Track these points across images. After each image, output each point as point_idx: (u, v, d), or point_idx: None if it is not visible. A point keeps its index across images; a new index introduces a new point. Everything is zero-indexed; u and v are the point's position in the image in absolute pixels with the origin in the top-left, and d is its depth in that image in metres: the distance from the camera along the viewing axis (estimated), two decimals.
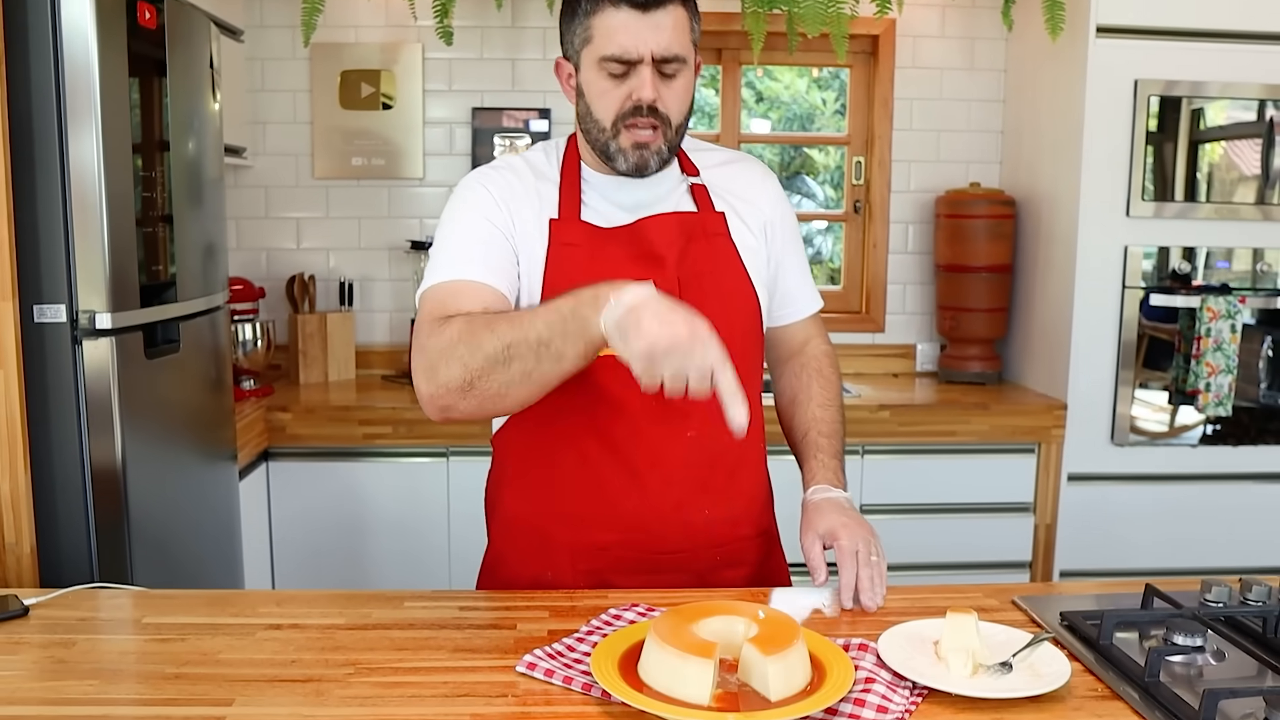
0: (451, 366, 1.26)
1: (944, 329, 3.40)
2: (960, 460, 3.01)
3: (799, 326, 1.66)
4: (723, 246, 1.51)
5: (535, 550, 1.50)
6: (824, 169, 4.62)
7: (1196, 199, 2.99)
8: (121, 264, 1.81)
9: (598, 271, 1.38)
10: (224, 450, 2.37)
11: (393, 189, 3.42)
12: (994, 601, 1.42)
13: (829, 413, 1.60)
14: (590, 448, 1.44)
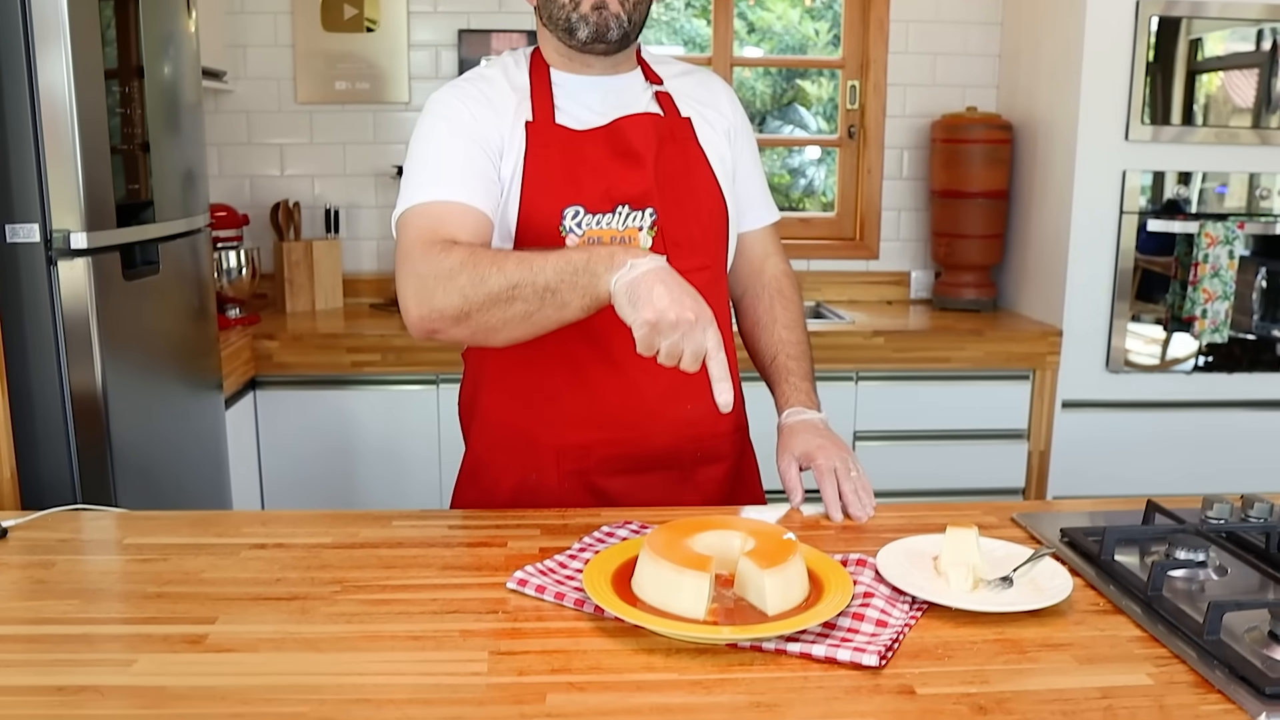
0: (450, 294, 1.25)
1: (939, 256, 3.36)
2: (954, 387, 2.99)
3: (756, 238, 1.65)
4: (692, 150, 1.52)
5: (519, 454, 1.49)
6: (816, 101, 4.55)
7: (1195, 123, 2.94)
8: (96, 184, 1.75)
9: (575, 172, 1.40)
10: (208, 378, 2.33)
11: (378, 114, 3.34)
12: (993, 519, 1.40)
13: (794, 334, 1.61)
14: (576, 349, 1.43)
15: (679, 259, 1.37)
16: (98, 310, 1.77)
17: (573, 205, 1.40)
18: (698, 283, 1.38)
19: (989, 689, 0.95)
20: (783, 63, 3.82)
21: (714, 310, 1.41)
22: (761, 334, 1.62)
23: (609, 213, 1.42)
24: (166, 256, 2.02)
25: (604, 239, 1.41)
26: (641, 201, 1.43)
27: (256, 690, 0.93)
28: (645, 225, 1.43)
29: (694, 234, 1.47)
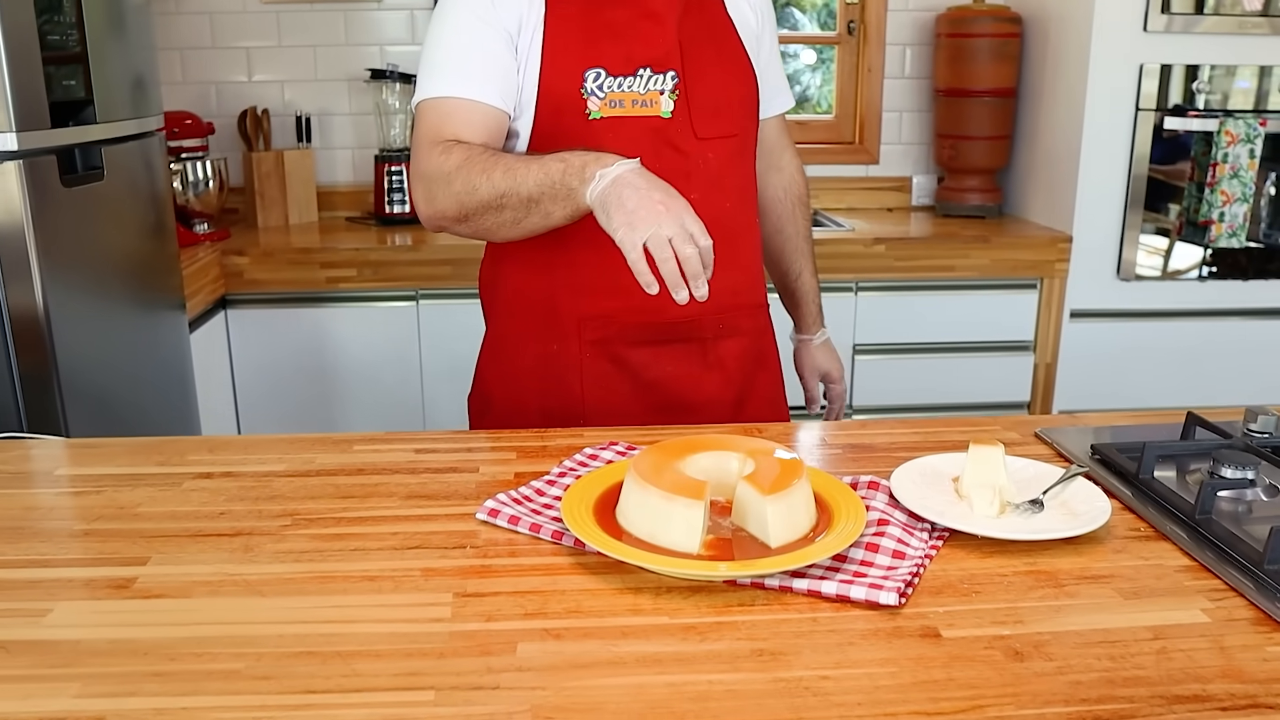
0: (448, 199, 1.31)
1: (942, 160, 3.19)
2: (958, 297, 2.85)
3: (773, 124, 1.65)
4: (719, 18, 1.48)
5: (541, 324, 1.47)
6: (811, 7, 4.34)
7: (1221, 12, 2.75)
8: (25, 82, 1.59)
9: (597, 34, 1.37)
10: (169, 298, 2.18)
11: (349, 13, 3.14)
12: (1015, 435, 1.27)
13: (811, 246, 1.70)
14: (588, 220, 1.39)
15: (703, 124, 1.41)
16: (34, 221, 1.61)
17: (594, 68, 1.37)
18: (724, 151, 1.44)
19: (1024, 630, 0.83)
20: None
21: (741, 184, 1.48)
22: (785, 244, 1.69)
23: (630, 75, 1.38)
24: (113, 162, 1.85)
25: (625, 102, 1.38)
26: (663, 64, 1.39)
27: (185, 643, 0.81)
28: (667, 89, 1.39)
29: (719, 100, 1.44)
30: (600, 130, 1.37)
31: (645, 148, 1.35)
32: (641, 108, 1.38)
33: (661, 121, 1.39)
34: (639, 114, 1.38)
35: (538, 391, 1.48)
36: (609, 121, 1.37)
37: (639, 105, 1.38)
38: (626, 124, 1.38)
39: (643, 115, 1.38)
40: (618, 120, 1.37)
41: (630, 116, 1.38)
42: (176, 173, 2.76)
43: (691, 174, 1.39)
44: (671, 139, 1.39)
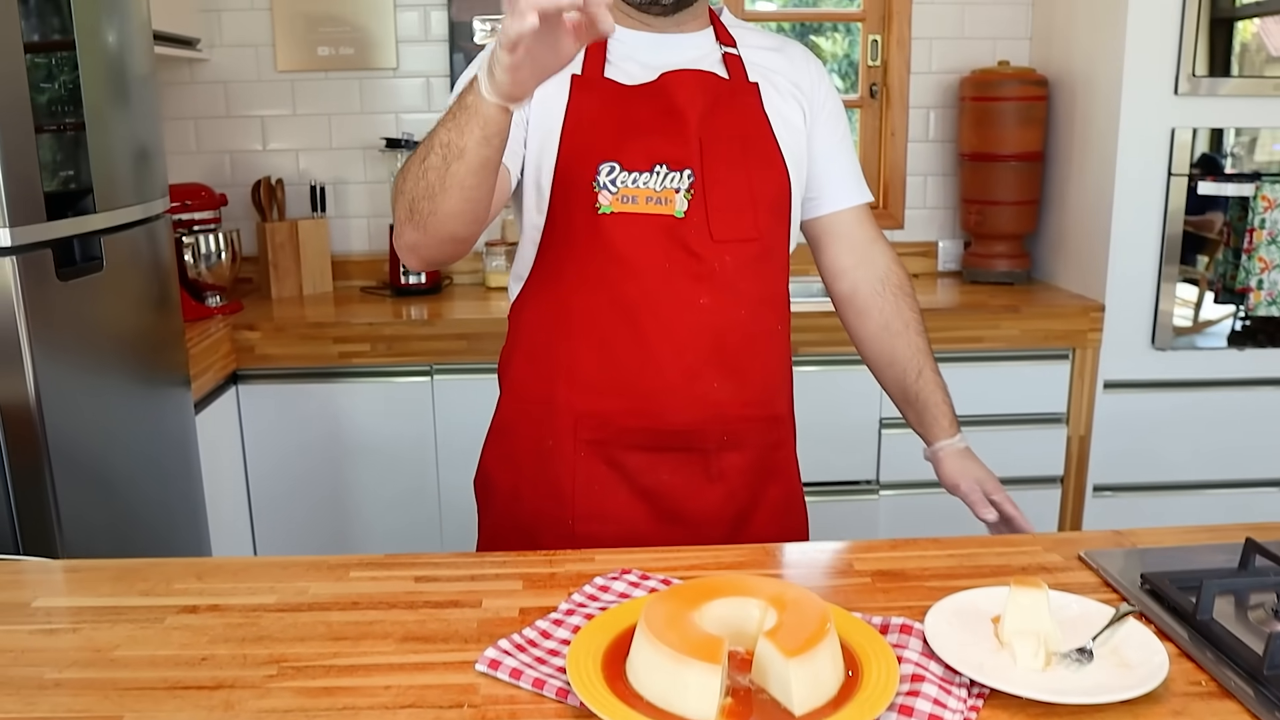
0: (398, 201, 1.25)
1: (969, 224, 3.12)
2: (988, 368, 2.76)
3: (852, 219, 1.52)
4: (752, 111, 1.42)
5: (540, 417, 1.42)
6: (832, 58, 4.29)
7: (1252, 75, 2.68)
8: (19, 171, 1.53)
9: (616, 128, 1.34)
10: (173, 375, 2.12)
11: (364, 81, 3.11)
12: (1056, 557, 1.19)
13: (927, 342, 1.53)
14: (602, 312, 1.36)
15: (719, 226, 1.35)
16: (28, 316, 1.55)
17: (608, 161, 1.33)
18: (743, 256, 1.37)
19: None
20: (798, 17, 3.57)
21: (761, 291, 1.40)
22: (897, 341, 1.51)
23: (646, 171, 1.34)
24: (114, 250, 1.80)
25: (639, 199, 1.33)
26: (680, 161, 1.34)
27: None
28: (683, 187, 1.34)
29: (739, 202, 1.37)
30: (609, 225, 1.33)
31: (656, 247, 1.33)
32: (655, 205, 1.33)
33: (674, 221, 1.34)
34: (652, 211, 1.33)
35: (532, 486, 1.42)
36: (619, 218, 1.33)
37: (652, 202, 1.33)
38: (637, 221, 1.33)
39: (655, 213, 1.33)
40: (628, 217, 1.33)
41: (642, 214, 1.33)
42: (188, 246, 2.72)
43: (704, 278, 1.35)
44: (685, 240, 1.34)
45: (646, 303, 1.34)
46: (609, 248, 1.34)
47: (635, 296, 1.34)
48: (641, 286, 1.34)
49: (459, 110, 1.14)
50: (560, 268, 1.38)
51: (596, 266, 1.35)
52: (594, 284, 1.36)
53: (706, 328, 1.36)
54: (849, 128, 1.57)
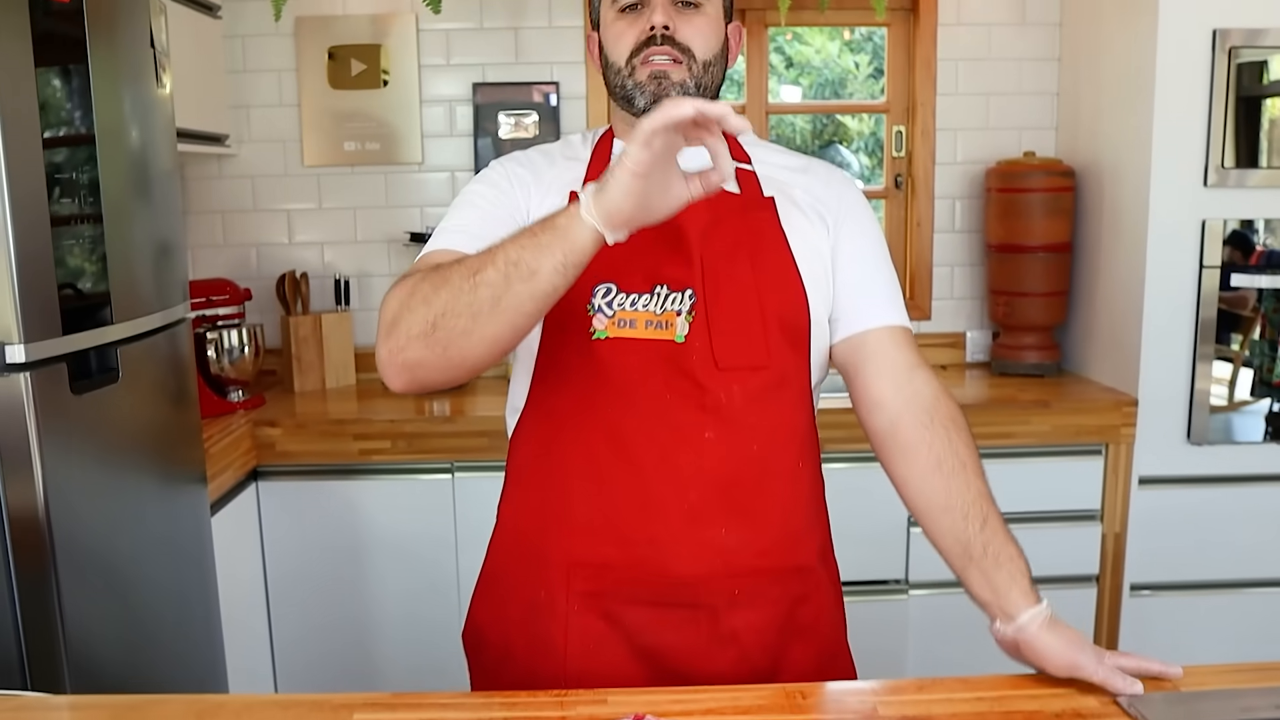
0: (415, 311, 1.11)
1: (997, 315, 3.08)
2: (1019, 465, 2.70)
3: (888, 342, 1.32)
4: (765, 226, 1.32)
5: (531, 564, 1.30)
6: (858, 135, 4.31)
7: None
8: (35, 284, 1.53)
9: (617, 247, 1.19)
10: (189, 474, 2.09)
11: (389, 175, 3.13)
12: (1093, 701, 1.13)
13: (985, 483, 1.29)
14: (598, 448, 1.25)
15: (725, 352, 1.25)
16: (40, 430, 1.54)
17: (605, 282, 1.25)
18: (753, 385, 1.25)
19: None
20: (824, 108, 3.59)
21: (775, 423, 1.27)
22: (953, 482, 1.26)
23: (646, 293, 1.25)
24: (130, 359, 1.79)
25: (637, 322, 1.24)
26: (681, 282, 1.26)
27: None
28: (684, 309, 1.25)
29: (748, 325, 1.26)
30: (604, 352, 1.24)
31: (656, 375, 1.23)
32: (655, 330, 1.24)
33: (675, 347, 1.23)
34: (651, 336, 1.23)
35: (524, 643, 1.30)
36: (615, 343, 1.23)
37: (652, 326, 1.24)
38: (636, 348, 1.23)
39: (655, 338, 1.24)
40: (626, 342, 1.23)
41: (640, 339, 1.23)
42: (211, 341, 2.73)
43: (709, 410, 1.23)
44: (687, 368, 1.23)
45: (645, 437, 1.23)
46: (605, 376, 1.24)
47: (633, 430, 1.23)
48: (640, 419, 1.23)
49: (542, 230, 1.07)
50: (554, 399, 1.28)
51: (591, 397, 1.25)
52: (589, 416, 1.25)
53: (713, 466, 1.23)
54: (885, 247, 1.40)
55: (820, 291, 1.32)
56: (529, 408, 1.32)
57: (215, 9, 2.94)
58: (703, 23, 1.33)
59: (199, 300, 2.73)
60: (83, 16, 1.63)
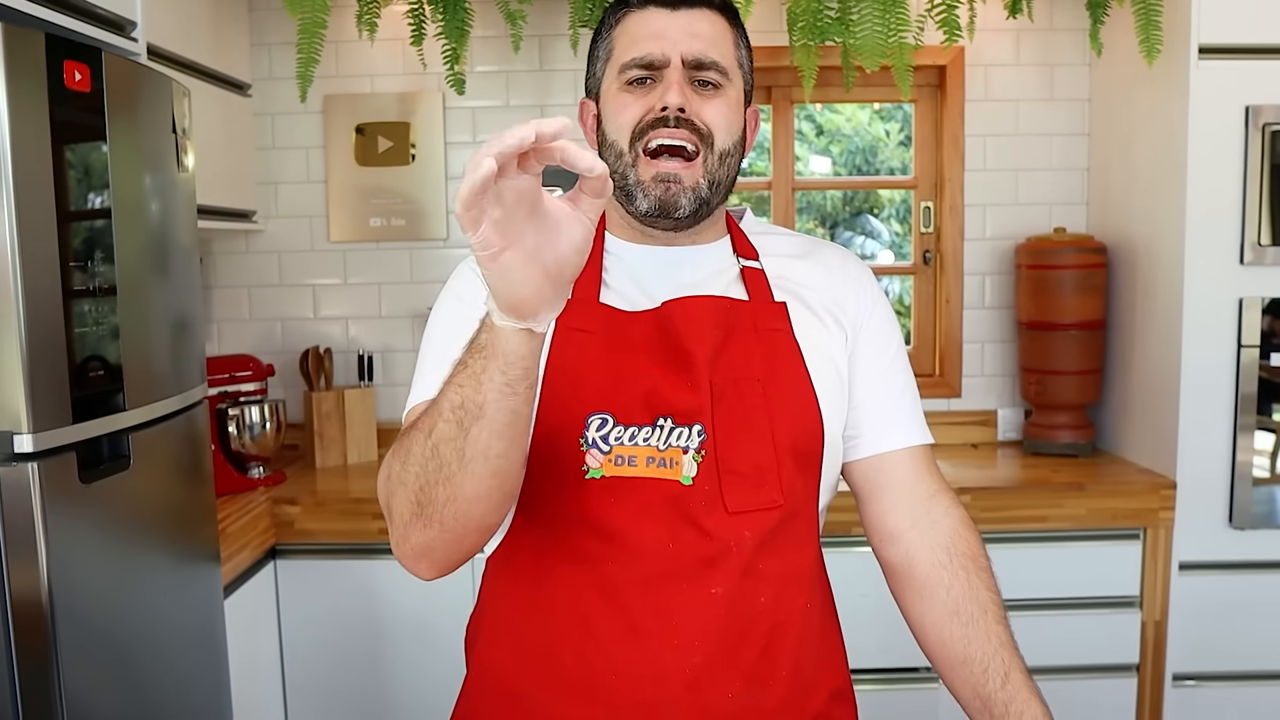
0: (397, 496, 1.01)
1: (1029, 394, 3.02)
2: (1053, 549, 2.62)
3: (907, 465, 1.24)
4: (778, 339, 1.19)
5: (510, 714, 1.16)
6: (889, 204, 4.28)
7: None
8: (46, 371, 1.51)
9: (610, 369, 1.11)
10: (202, 554, 2.06)
11: (415, 251, 3.14)
12: None
13: (1009, 631, 1.18)
14: (589, 601, 1.11)
15: (736, 493, 1.12)
16: (45, 521, 1.51)
17: (599, 413, 1.11)
18: (765, 526, 1.12)
19: None
20: (851, 185, 3.57)
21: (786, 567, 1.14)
22: (971, 632, 1.17)
23: (647, 426, 1.11)
24: (143, 445, 1.76)
25: (637, 460, 1.09)
26: (689, 415, 1.12)
27: None
28: (692, 446, 1.11)
29: (762, 461, 1.14)
30: (598, 493, 1.10)
31: (658, 521, 1.09)
32: (658, 468, 1.10)
33: (681, 489, 1.10)
34: (653, 475, 1.10)
35: None
36: (611, 483, 1.09)
37: (654, 465, 1.10)
38: (635, 488, 1.10)
39: (657, 478, 1.10)
40: (624, 483, 1.09)
41: (641, 479, 1.10)
42: (233, 418, 2.71)
43: (717, 560, 1.10)
44: (693, 513, 1.10)
45: (644, 591, 1.09)
46: (598, 521, 1.10)
47: (629, 582, 1.09)
48: (638, 570, 1.09)
49: (470, 358, 0.93)
50: (540, 538, 1.13)
51: (583, 542, 1.11)
52: (579, 563, 1.11)
53: (719, 623, 1.10)
54: (904, 350, 1.30)
55: (835, 409, 1.22)
56: (511, 538, 1.18)
57: (246, 87, 2.97)
58: (723, 105, 1.18)
59: (221, 376, 2.73)
60: (103, 102, 1.64)
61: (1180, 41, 2.57)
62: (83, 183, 1.61)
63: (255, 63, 3.04)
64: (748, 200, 3.31)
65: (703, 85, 1.17)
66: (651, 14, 1.18)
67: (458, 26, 2.58)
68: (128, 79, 1.74)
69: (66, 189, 1.56)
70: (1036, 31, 3.06)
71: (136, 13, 2.00)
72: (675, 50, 1.15)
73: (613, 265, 1.21)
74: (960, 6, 2.51)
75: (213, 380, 2.67)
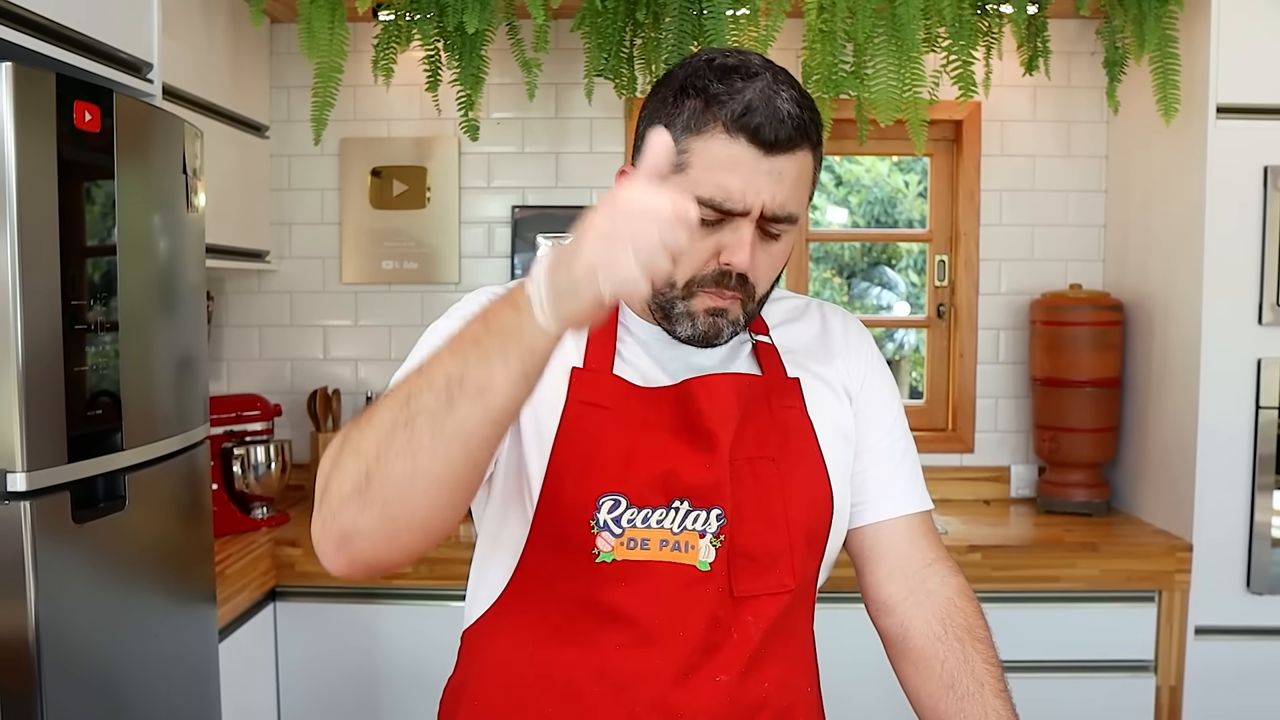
0: (343, 466, 0.91)
1: (1042, 451, 2.98)
2: (1066, 610, 2.57)
3: (903, 534, 1.22)
4: (792, 417, 1.16)
5: None
6: (907, 254, 4.26)
7: None
8: (42, 409, 1.50)
9: (629, 443, 1.07)
10: (197, 593, 2.02)
11: (426, 295, 3.13)
12: None
13: (1008, 706, 1.13)
14: (584, 684, 1.07)
15: (749, 578, 1.09)
16: (35, 561, 1.49)
17: (611, 494, 1.06)
18: (772, 611, 1.09)
19: None
20: (866, 237, 3.55)
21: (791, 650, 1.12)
22: (967, 707, 1.12)
23: (663, 508, 1.07)
24: (140, 485, 1.75)
25: (651, 543, 1.05)
26: (708, 498, 1.08)
27: None
28: (710, 530, 1.07)
29: (776, 545, 1.11)
30: (609, 578, 1.05)
31: (672, 608, 1.06)
32: (673, 553, 1.06)
33: (696, 575, 1.06)
34: (667, 559, 1.06)
35: None
36: (623, 567, 1.05)
37: (669, 548, 1.06)
38: (648, 573, 1.06)
39: (671, 562, 1.06)
40: (636, 566, 1.05)
41: (655, 563, 1.06)
42: (238, 457, 2.70)
43: (722, 647, 1.07)
44: (706, 600, 1.07)
45: (647, 681, 1.05)
46: (607, 606, 1.06)
47: (634, 672, 1.06)
48: (645, 660, 1.05)
49: (486, 334, 0.87)
50: (537, 618, 1.09)
51: (586, 625, 1.07)
52: (579, 645, 1.07)
53: (723, 712, 1.07)
54: (902, 411, 1.28)
55: (844, 485, 1.19)
56: (500, 612, 1.13)
57: (263, 129, 2.99)
58: (780, 252, 1.12)
59: (227, 415, 2.72)
60: (113, 141, 1.64)
61: (1198, 100, 2.55)
62: (88, 220, 1.61)
63: (273, 104, 3.06)
64: None
65: (768, 237, 1.09)
66: (743, 151, 1.04)
67: (473, 73, 2.59)
68: (139, 120, 1.74)
69: (71, 226, 1.56)
70: (1053, 88, 3.05)
71: (153, 55, 2.01)
72: (758, 199, 1.04)
73: (626, 337, 1.16)
74: (975, 63, 2.51)
75: (219, 419, 2.66)
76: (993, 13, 2.59)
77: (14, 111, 1.44)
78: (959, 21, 2.47)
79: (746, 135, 1.03)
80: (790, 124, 1.04)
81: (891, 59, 2.48)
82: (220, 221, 2.51)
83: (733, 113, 1.03)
